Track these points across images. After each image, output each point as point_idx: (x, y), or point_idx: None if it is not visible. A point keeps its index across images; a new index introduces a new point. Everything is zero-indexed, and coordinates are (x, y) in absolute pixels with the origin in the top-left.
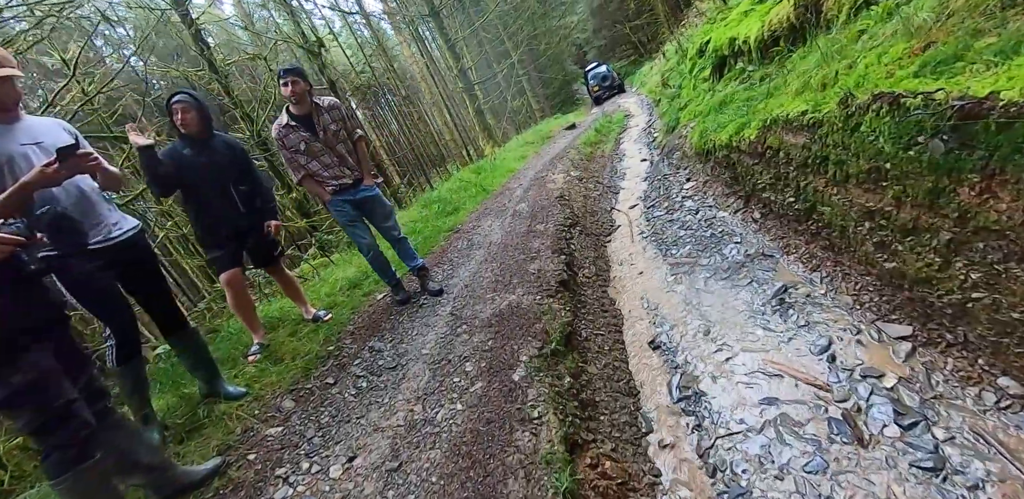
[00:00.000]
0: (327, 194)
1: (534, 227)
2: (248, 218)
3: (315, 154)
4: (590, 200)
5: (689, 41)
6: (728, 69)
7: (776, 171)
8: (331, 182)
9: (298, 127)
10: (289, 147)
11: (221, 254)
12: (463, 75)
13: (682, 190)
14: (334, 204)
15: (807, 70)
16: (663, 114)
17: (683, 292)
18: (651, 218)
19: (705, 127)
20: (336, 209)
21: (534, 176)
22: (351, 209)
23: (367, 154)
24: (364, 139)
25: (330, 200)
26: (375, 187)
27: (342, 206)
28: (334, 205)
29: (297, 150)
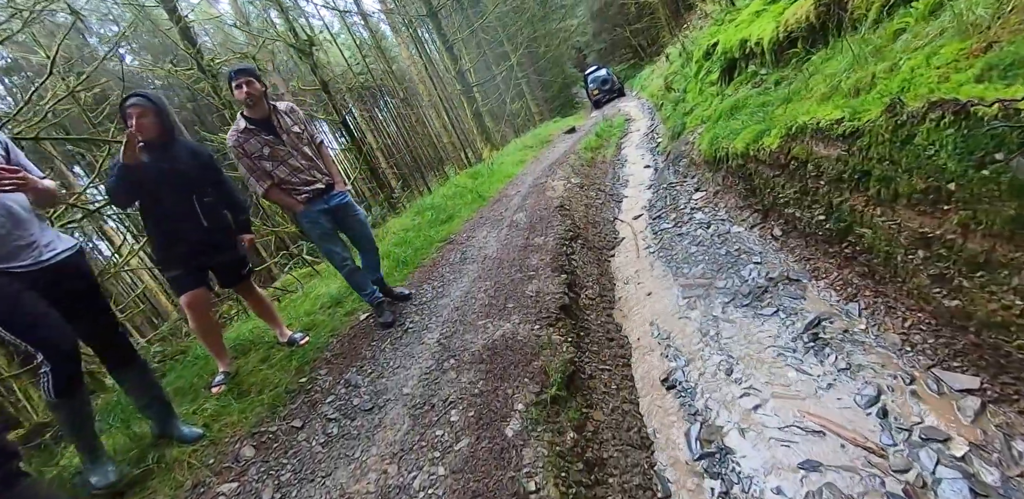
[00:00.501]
0: (299, 204)
1: (532, 240)
2: (214, 233)
3: (281, 158)
4: (592, 209)
5: (694, 44)
6: (738, 72)
7: (802, 185)
8: (302, 189)
9: (258, 130)
10: (251, 153)
11: (181, 273)
12: (461, 77)
13: (691, 201)
14: (308, 215)
15: (834, 73)
16: (666, 119)
17: (698, 319)
18: (658, 231)
19: (715, 133)
20: (309, 221)
21: (533, 182)
22: (326, 221)
23: (333, 159)
24: (324, 145)
25: (303, 210)
26: (347, 193)
27: (316, 217)
28: (307, 216)
29: (260, 156)
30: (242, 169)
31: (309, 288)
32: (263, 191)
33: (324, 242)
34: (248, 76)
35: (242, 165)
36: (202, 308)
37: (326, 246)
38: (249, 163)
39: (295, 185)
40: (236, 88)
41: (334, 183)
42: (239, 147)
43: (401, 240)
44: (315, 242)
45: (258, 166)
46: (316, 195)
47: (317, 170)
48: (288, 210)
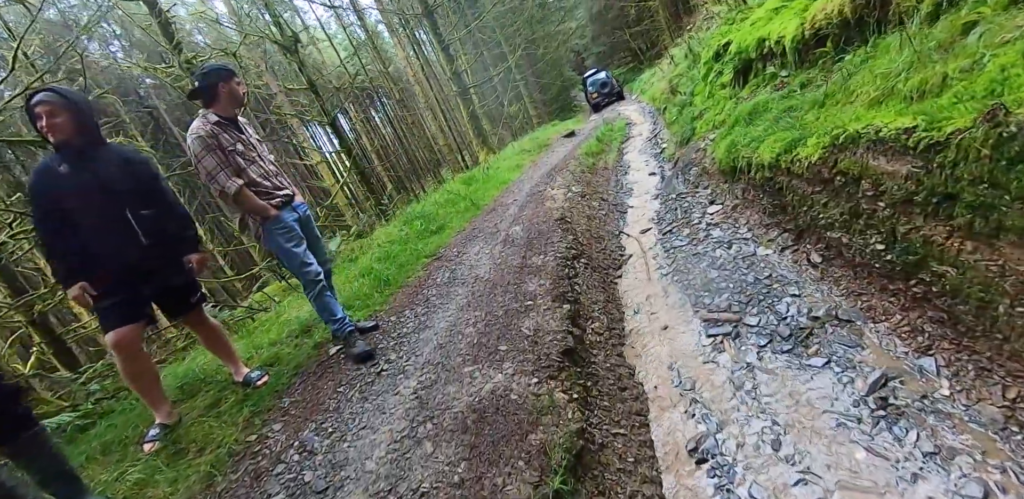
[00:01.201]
0: (271, 209)
1: (530, 259)
2: (155, 252)
3: (251, 158)
4: (595, 221)
5: (702, 44)
6: (754, 74)
7: (853, 206)
8: (275, 193)
9: (228, 127)
10: (224, 147)
11: (111, 305)
12: (457, 78)
13: (705, 215)
14: (282, 222)
15: (885, 73)
16: (671, 123)
17: (729, 366)
18: (670, 248)
19: (732, 141)
20: (284, 228)
21: (531, 190)
22: (298, 229)
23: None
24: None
25: (278, 215)
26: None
27: (291, 224)
28: (282, 223)
29: (234, 151)
30: (208, 164)
31: (281, 308)
32: (236, 188)
33: (297, 251)
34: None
35: (210, 159)
36: (133, 349)
37: (299, 259)
38: (221, 157)
39: (267, 189)
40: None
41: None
42: (213, 137)
43: (385, 254)
44: (284, 255)
45: (231, 161)
46: (286, 202)
47: (283, 178)
48: (259, 215)
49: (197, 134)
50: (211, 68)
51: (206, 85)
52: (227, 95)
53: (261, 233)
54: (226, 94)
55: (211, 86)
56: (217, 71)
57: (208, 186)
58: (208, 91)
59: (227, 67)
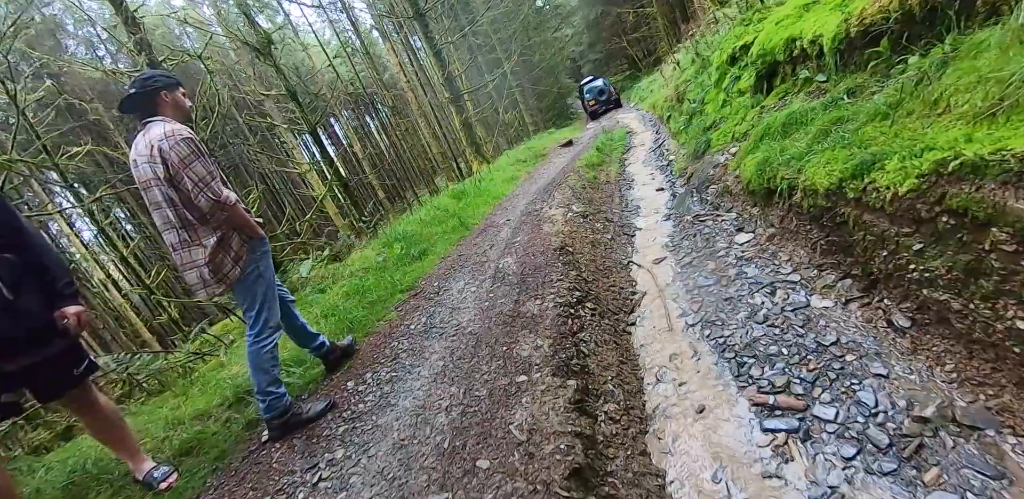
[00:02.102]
0: (260, 228)
1: (524, 305)
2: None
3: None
4: (599, 248)
5: (712, 48)
6: (781, 79)
7: (971, 260)
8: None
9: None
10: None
11: None
12: (450, 83)
13: (733, 245)
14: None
15: (995, 78)
16: (677, 133)
17: (804, 488)
18: (693, 287)
19: (765, 157)
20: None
21: (526, 208)
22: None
23: None
24: None
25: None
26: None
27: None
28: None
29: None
30: (200, 169)
31: (230, 354)
32: (235, 199)
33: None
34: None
35: (202, 164)
36: None
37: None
38: (209, 164)
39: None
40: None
41: None
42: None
43: (355, 288)
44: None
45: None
46: None
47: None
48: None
49: (183, 134)
50: (152, 74)
51: (144, 92)
52: (172, 106)
53: (245, 256)
54: (171, 105)
55: (150, 93)
56: (158, 78)
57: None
58: (147, 99)
59: (171, 75)
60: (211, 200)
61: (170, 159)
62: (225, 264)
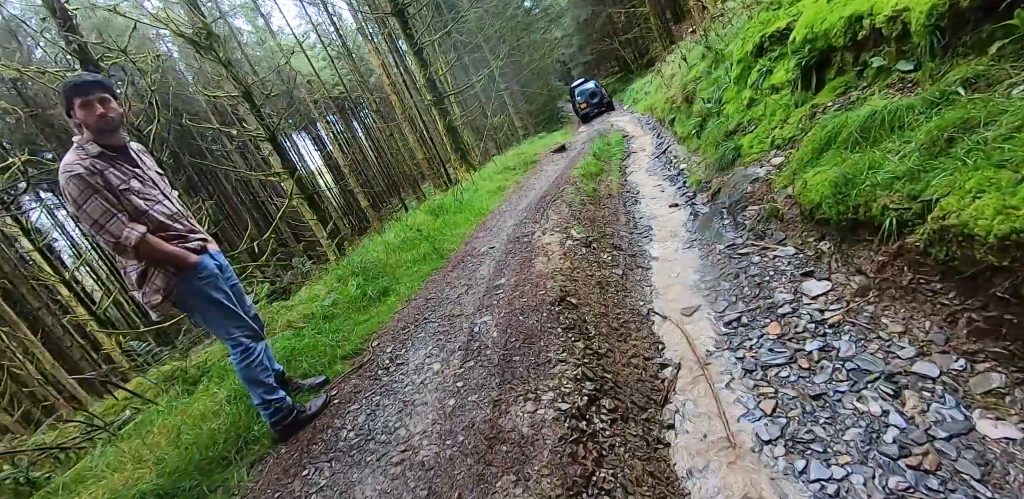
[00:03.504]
0: (191, 254)
1: (509, 412)
2: None
3: (153, 197)
4: (609, 291)
5: (728, 39)
6: (838, 70)
7: None
8: (191, 237)
9: (117, 159)
10: (113, 186)
11: None
12: (431, 85)
13: (803, 298)
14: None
15: None
16: (685, 138)
17: None
18: (752, 365)
19: (843, 173)
20: (206, 276)
21: (513, 230)
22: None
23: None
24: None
25: (198, 262)
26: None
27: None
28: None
29: (128, 190)
30: (94, 210)
31: (147, 420)
32: (137, 237)
33: (232, 305)
34: (104, 90)
35: (96, 204)
36: None
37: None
38: (110, 200)
39: (181, 232)
40: (82, 108)
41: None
42: (95, 176)
43: (287, 350)
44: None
45: (125, 203)
46: (203, 248)
47: (194, 220)
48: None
49: (72, 171)
50: (66, 82)
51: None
52: (81, 124)
53: (175, 289)
54: (80, 122)
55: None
56: (65, 86)
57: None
58: (69, 113)
59: (76, 80)
60: (109, 243)
61: (66, 199)
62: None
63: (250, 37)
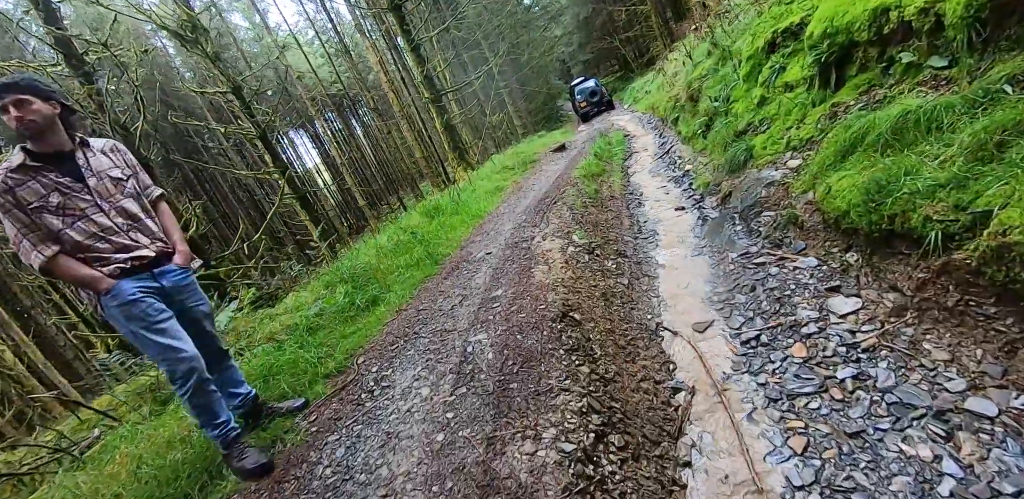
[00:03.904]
0: (104, 278)
1: (505, 453)
2: None
3: (79, 212)
4: (615, 304)
5: (736, 35)
6: (860, 66)
7: None
8: (114, 257)
9: (46, 170)
10: (25, 204)
11: None
12: (429, 82)
13: (828, 314)
14: (118, 295)
15: None
16: (690, 137)
17: None
18: (777, 393)
19: (874, 178)
20: (124, 303)
21: (512, 234)
22: (156, 301)
23: (175, 220)
24: (167, 200)
25: (112, 287)
26: (191, 270)
27: (137, 297)
28: (115, 298)
29: (44, 207)
30: (7, 229)
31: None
32: (42, 261)
33: (153, 335)
34: (17, 93)
35: (7, 223)
36: None
37: (157, 341)
38: (21, 219)
39: (102, 252)
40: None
41: (171, 253)
42: (7, 193)
43: (262, 369)
44: (134, 341)
45: (38, 223)
46: (139, 267)
47: (144, 233)
48: (87, 288)
49: None
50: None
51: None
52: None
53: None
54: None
55: None
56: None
57: None
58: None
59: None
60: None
61: None
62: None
63: (247, 34)
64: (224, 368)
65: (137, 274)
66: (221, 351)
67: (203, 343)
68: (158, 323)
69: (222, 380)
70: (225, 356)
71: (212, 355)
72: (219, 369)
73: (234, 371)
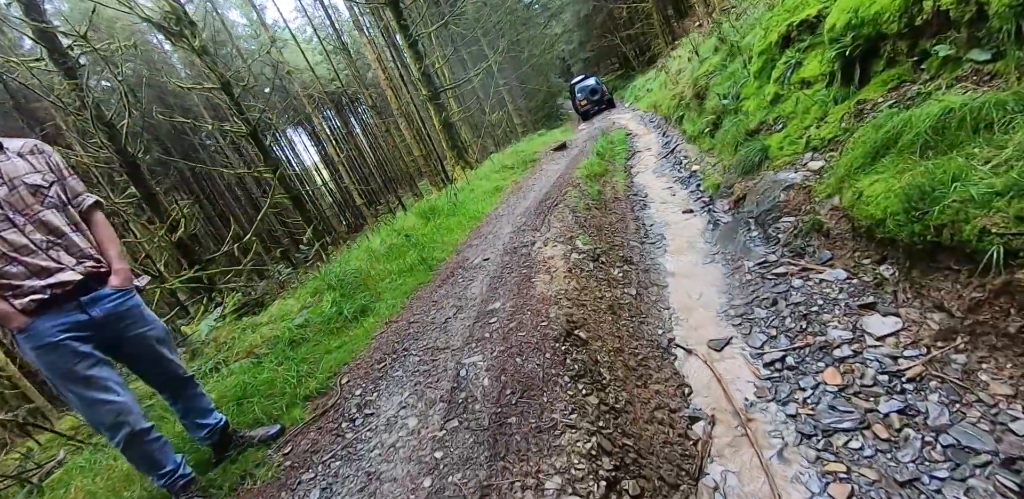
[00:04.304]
0: (18, 315)
1: None
2: None
3: None
4: (623, 317)
5: (745, 30)
6: (888, 61)
7: None
8: (28, 285)
9: None
10: None
11: None
12: (427, 79)
13: (864, 335)
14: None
15: None
16: (697, 136)
17: None
18: (810, 428)
19: (915, 184)
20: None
21: (511, 238)
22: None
23: (113, 233)
24: (103, 209)
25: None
26: (133, 292)
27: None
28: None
29: None
30: None
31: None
32: None
33: (74, 386)
34: None
35: None
36: None
37: (79, 393)
38: None
39: (12, 278)
40: None
41: (106, 272)
42: None
43: (240, 388)
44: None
45: None
46: (61, 296)
47: (69, 251)
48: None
49: None
50: None
51: None
52: None
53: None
54: None
55: None
56: None
57: None
58: None
59: None
60: None
61: None
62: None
63: (244, 30)
64: (189, 397)
65: (60, 306)
66: (182, 379)
67: (159, 372)
68: (80, 372)
69: (186, 409)
70: (188, 384)
71: (171, 384)
72: (183, 398)
73: (200, 399)
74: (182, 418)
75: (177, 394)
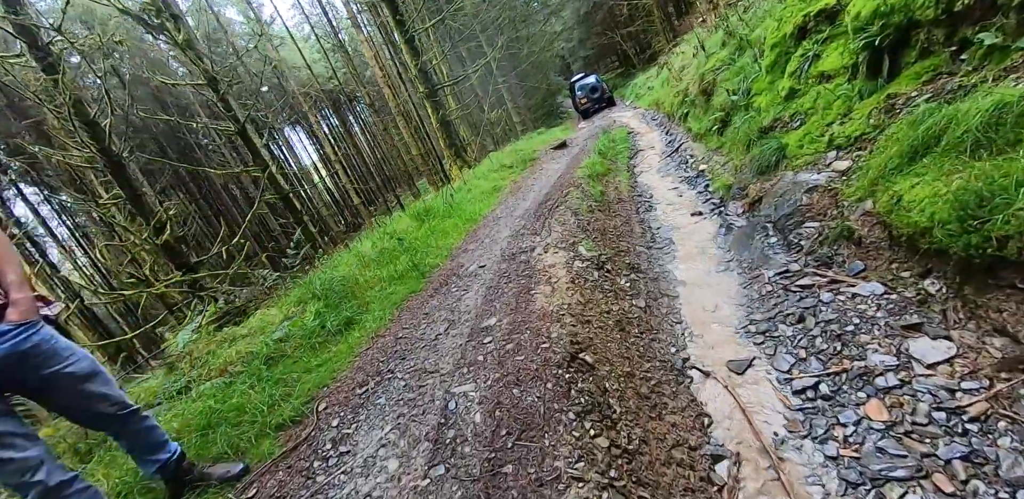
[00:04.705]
0: None
1: None
2: None
3: None
4: (631, 334)
5: (755, 23)
6: (921, 52)
7: None
8: None
9: None
10: None
11: None
12: (424, 77)
13: (912, 362)
14: None
15: None
16: (703, 134)
17: None
18: (857, 476)
19: (972, 189)
20: None
21: (509, 243)
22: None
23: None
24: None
25: None
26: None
27: None
28: None
29: None
30: None
31: None
32: None
33: None
34: None
35: None
36: None
37: None
38: None
39: None
40: None
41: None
42: None
43: (205, 415)
44: None
45: None
46: None
47: None
48: None
49: None
50: None
51: None
52: None
53: None
54: None
55: None
56: None
57: None
58: None
59: None
60: None
61: None
62: None
63: (242, 28)
64: (133, 433)
65: None
66: (119, 417)
67: (90, 414)
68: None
69: (132, 446)
70: (129, 420)
71: (108, 423)
72: (126, 435)
73: (149, 434)
74: (128, 452)
75: (118, 432)
